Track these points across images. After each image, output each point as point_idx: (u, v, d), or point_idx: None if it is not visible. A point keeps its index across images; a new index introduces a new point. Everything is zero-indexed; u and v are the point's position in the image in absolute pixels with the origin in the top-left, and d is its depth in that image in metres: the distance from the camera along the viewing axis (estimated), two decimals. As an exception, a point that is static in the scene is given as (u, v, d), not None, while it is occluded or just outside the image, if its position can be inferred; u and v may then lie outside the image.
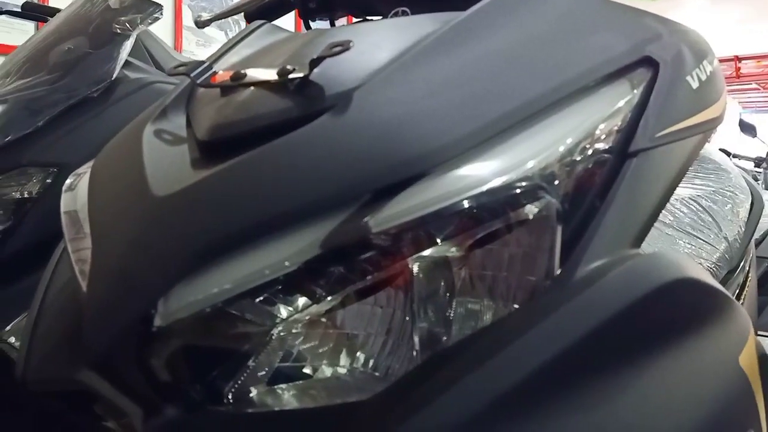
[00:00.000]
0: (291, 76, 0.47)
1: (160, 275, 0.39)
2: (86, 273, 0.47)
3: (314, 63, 0.46)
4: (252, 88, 0.49)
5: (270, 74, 0.48)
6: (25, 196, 1.15)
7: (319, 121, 0.43)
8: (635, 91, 0.51)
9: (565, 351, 0.38)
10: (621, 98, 0.50)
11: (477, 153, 0.43)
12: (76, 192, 0.55)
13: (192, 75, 0.51)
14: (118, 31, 1.31)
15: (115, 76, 1.25)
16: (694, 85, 0.55)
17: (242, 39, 0.64)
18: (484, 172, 0.42)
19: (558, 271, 0.43)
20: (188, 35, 3.40)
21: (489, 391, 0.37)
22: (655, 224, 0.49)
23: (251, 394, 0.45)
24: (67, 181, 0.59)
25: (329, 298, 0.45)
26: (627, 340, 0.40)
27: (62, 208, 0.56)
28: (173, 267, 0.39)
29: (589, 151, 0.47)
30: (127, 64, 1.30)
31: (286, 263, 0.40)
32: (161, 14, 1.38)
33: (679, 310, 0.43)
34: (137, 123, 0.55)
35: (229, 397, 0.44)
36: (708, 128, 0.55)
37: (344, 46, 0.45)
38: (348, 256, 0.41)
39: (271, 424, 0.44)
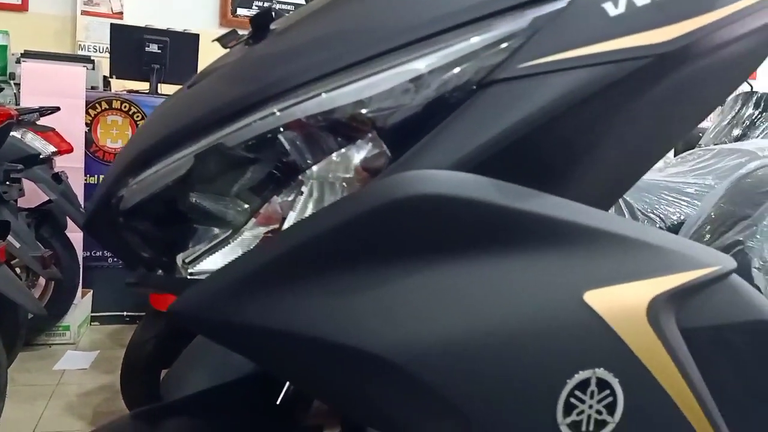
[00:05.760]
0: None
1: (119, 167, 0.61)
2: None
3: (253, 21, 0.61)
4: (239, 45, 0.67)
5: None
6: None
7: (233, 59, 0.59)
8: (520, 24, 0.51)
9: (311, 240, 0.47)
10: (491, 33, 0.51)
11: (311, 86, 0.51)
12: None
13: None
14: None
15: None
16: (613, 11, 0.51)
17: None
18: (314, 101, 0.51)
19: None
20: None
21: (251, 265, 0.49)
22: None
23: (206, 266, 0.63)
24: None
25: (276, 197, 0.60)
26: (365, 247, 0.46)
27: None
28: (127, 160, 0.60)
29: (432, 84, 0.51)
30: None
31: (187, 157, 0.56)
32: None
33: (422, 226, 0.46)
34: None
35: (188, 268, 0.63)
36: (624, 57, 0.50)
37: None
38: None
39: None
